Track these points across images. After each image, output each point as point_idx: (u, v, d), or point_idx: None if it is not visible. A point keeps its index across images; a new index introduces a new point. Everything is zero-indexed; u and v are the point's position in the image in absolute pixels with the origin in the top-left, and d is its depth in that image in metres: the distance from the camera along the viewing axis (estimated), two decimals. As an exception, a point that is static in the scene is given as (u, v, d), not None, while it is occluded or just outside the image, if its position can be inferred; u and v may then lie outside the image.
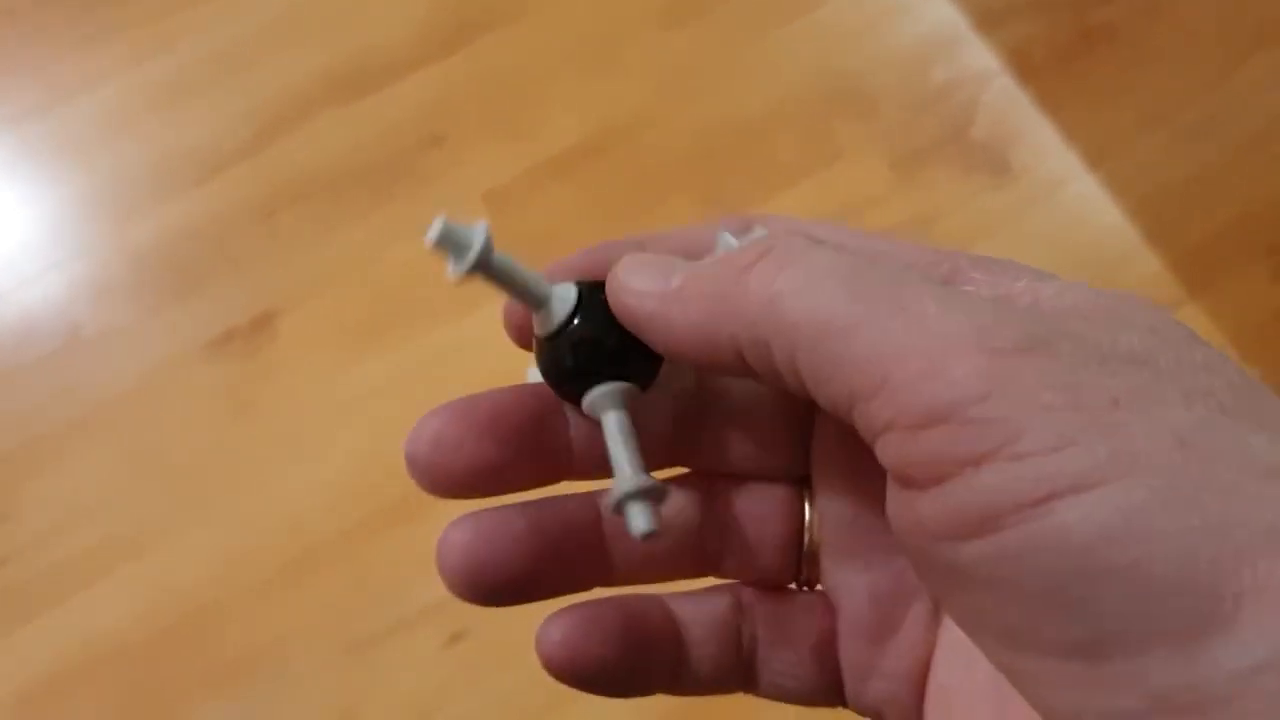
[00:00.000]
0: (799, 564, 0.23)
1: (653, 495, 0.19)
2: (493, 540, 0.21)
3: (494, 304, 0.71)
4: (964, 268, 0.19)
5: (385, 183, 0.66)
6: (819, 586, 0.23)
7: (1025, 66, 0.68)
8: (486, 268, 0.20)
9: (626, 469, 0.19)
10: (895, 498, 0.16)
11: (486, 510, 0.21)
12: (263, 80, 0.69)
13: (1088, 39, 0.69)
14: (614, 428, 0.20)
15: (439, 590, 0.62)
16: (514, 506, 0.21)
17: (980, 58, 0.68)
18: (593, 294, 0.20)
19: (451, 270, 0.19)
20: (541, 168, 0.65)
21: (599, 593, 0.23)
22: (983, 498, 0.15)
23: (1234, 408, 0.15)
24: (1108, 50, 0.69)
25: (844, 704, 0.23)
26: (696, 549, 0.23)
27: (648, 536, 0.19)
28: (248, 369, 0.62)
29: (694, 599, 0.23)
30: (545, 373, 0.21)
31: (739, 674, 0.23)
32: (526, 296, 0.20)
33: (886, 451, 0.16)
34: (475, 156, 0.66)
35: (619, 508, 0.19)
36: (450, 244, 0.19)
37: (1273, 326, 0.61)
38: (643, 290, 0.19)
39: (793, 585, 0.23)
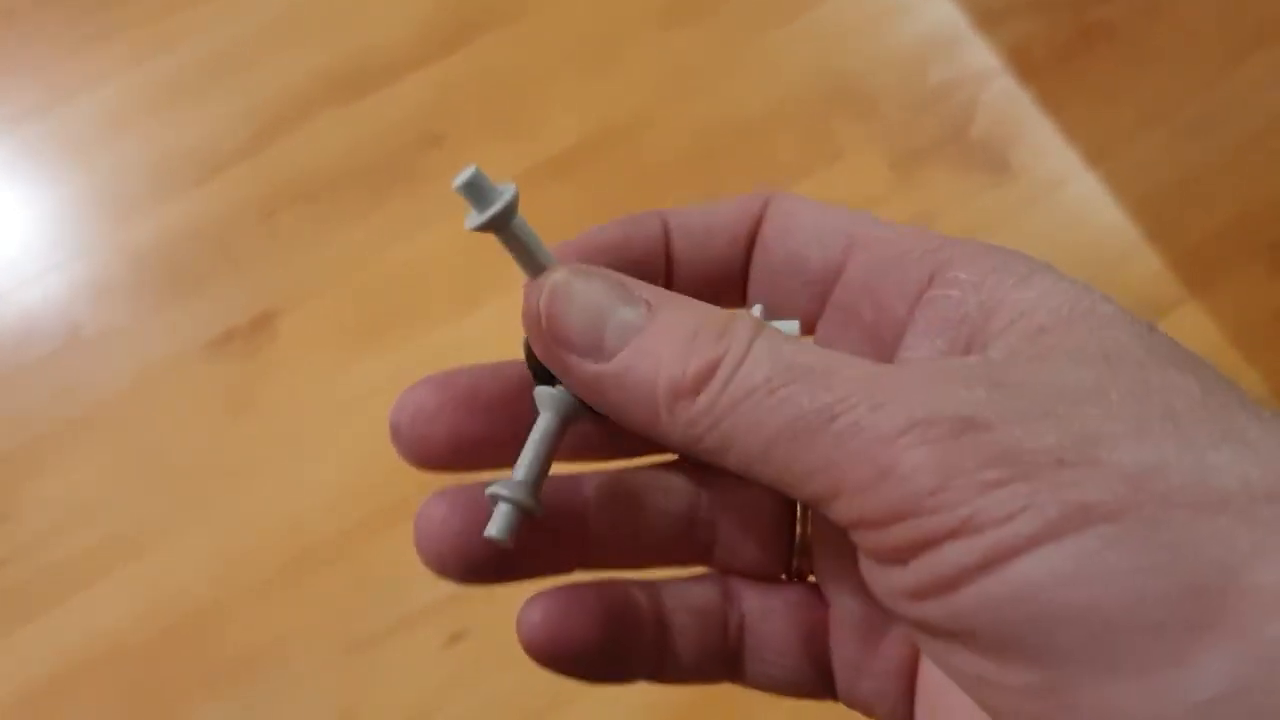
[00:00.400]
0: (790, 556, 0.23)
1: (521, 509, 0.19)
2: (469, 516, 0.21)
3: (494, 304, 0.71)
4: (955, 262, 0.19)
5: (385, 182, 0.66)
6: (811, 579, 0.23)
7: (1025, 66, 0.68)
8: (503, 227, 0.20)
9: (520, 472, 0.20)
10: (866, 566, 0.17)
11: (464, 486, 0.22)
12: (262, 80, 0.69)
13: (1087, 38, 0.69)
14: (538, 429, 0.20)
15: (439, 590, 0.62)
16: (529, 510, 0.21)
17: (980, 57, 0.68)
18: None
19: (470, 220, 0.20)
20: (541, 167, 0.65)
21: (585, 577, 0.23)
22: (942, 569, 0.15)
23: (1195, 424, 0.15)
24: (1107, 49, 0.69)
25: (834, 697, 0.23)
26: (686, 537, 0.23)
27: (494, 541, 0.19)
28: (248, 369, 0.62)
29: (680, 585, 0.23)
30: (525, 352, 0.21)
31: (724, 663, 0.23)
32: (532, 269, 0.20)
33: (857, 539, 0.17)
34: (475, 156, 0.66)
35: (491, 500, 0.20)
36: (476, 194, 0.19)
37: (1273, 325, 0.61)
38: (576, 346, 0.19)
39: (783, 577, 0.23)
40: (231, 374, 0.62)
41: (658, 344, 0.18)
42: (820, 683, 0.23)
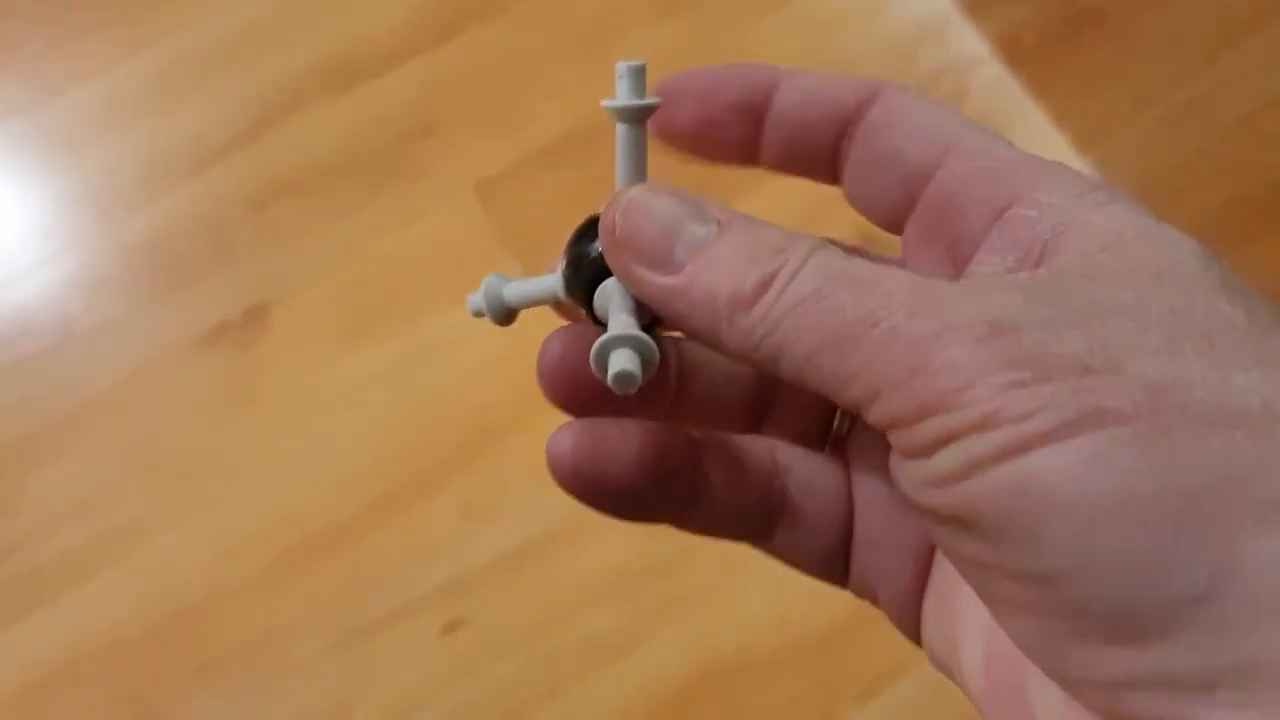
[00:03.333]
0: (829, 433, 0.24)
1: (638, 345, 0.20)
2: (577, 348, 0.22)
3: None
4: (1039, 184, 0.20)
5: (376, 174, 0.66)
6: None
7: (1014, 51, 0.68)
8: (639, 121, 0.22)
9: (620, 320, 0.21)
10: (894, 463, 0.18)
11: (578, 324, 0.23)
12: (253, 73, 0.69)
13: (1077, 23, 0.69)
14: (617, 289, 0.21)
15: (435, 579, 0.62)
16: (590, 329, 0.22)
17: (969, 43, 0.68)
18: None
19: (619, 99, 0.22)
20: (532, 158, 0.65)
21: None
22: (959, 460, 0.16)
23: (1230, 346, 0.16)
24: (1097, 34, 0.69)
25: (844, 583, 0.24)
26: (745, 406, 0.24)
27: (621, 379, 0.20)
28: (241, 361, 0.62)
29: (725, 438, 0.24)
30: (572, 295, 0.22)
31: (753, 524, 0.23)
32: (629, 176, 0.22)
33: (892, 440, 0.18)
34: (466, 147, 0.66)
35: (601, 354, 0.20)
36: (638, 82, 0.22)
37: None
38: (646, 255, 0.20)
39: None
40: (225, 367, 0.62)
41: (722, 259, 0.19)
42: (837, 562, 0.24)
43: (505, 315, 0.23)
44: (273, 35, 0.70)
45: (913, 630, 0.23)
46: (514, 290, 0.23)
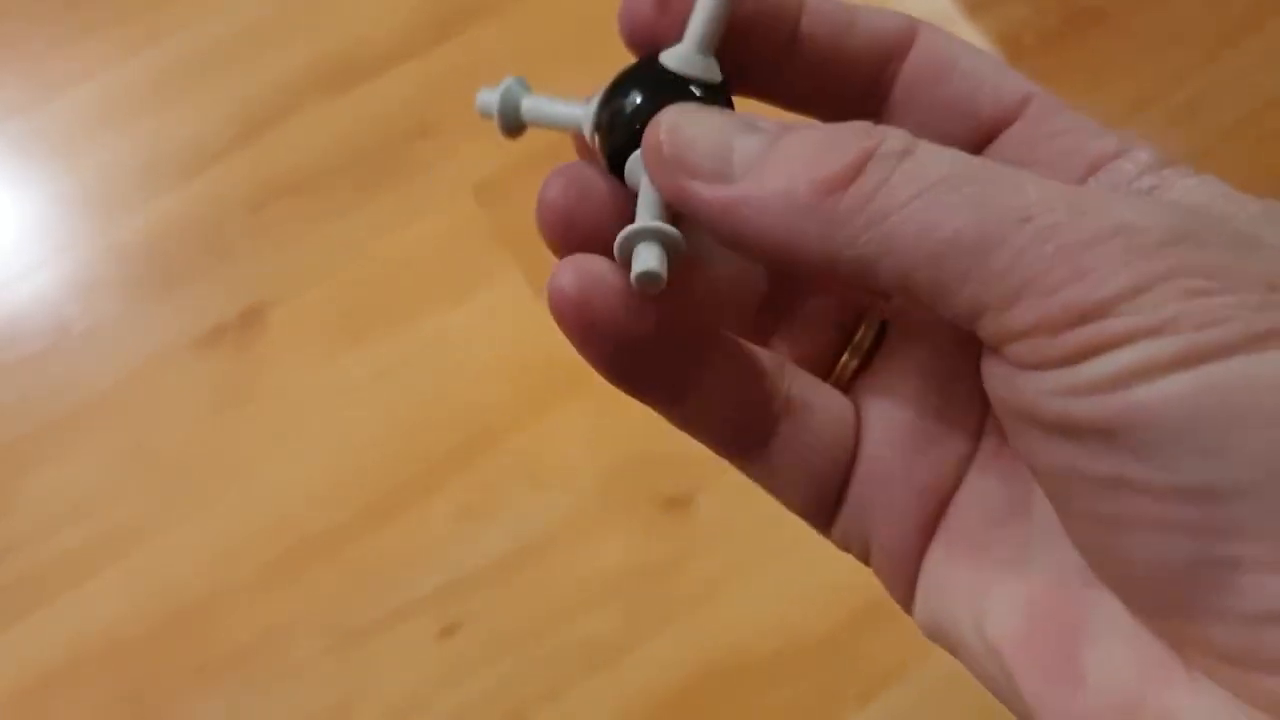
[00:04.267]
0: (839, 357, 0.22)
1: (666, 240, 0.18)
2: (584, 198, 0.20)
3: (484, 295, 0.71)
4: (1136, 150, 0.19)
5: (374, 174, 0.66)
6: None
7: (1014, 51, 0.68)
8: (515, 126, 0.20)
9: (649, 210, 0.19)
10: (1004, 374, 0.16)
11: (584, 164, 0.20)
12: (249, 74, 0.68)
13: (1076, 23, 0.69)
14: (646, 182, 0.19)
15: (432, 582, 0.62)
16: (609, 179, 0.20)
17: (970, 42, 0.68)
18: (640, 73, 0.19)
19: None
20: (531, 159, 0.65)
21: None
22: (1123, 364, 0.15)
23: None
24: (1097, 34, 0.69)
25: (826, 528, 0.22)
26: (752, 316, 0.22)
27: (646, 278, 0.18)
28: (238, 363, 0.62)
29: (743, 341, 0.21)
30: (600, 147, 0.20)
31: (747, 437, 0.21)
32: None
33: (1020, 350, 0.16)
34: (464, 148, 0.66)
35: (627, 243, 0.18)
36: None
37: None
38: (702, 171, 0.18)
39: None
40: (222, 368, 0.62)
41: (792, 153, 0.17)
42: (828, 500, 0.21)
43: (515, 126, 0.20)
44: (270, 36, 0.70)
45: (904, 585, 0.21)
46: (533, 104, 0.20)
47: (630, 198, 0.19)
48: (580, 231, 0.19)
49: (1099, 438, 0.15)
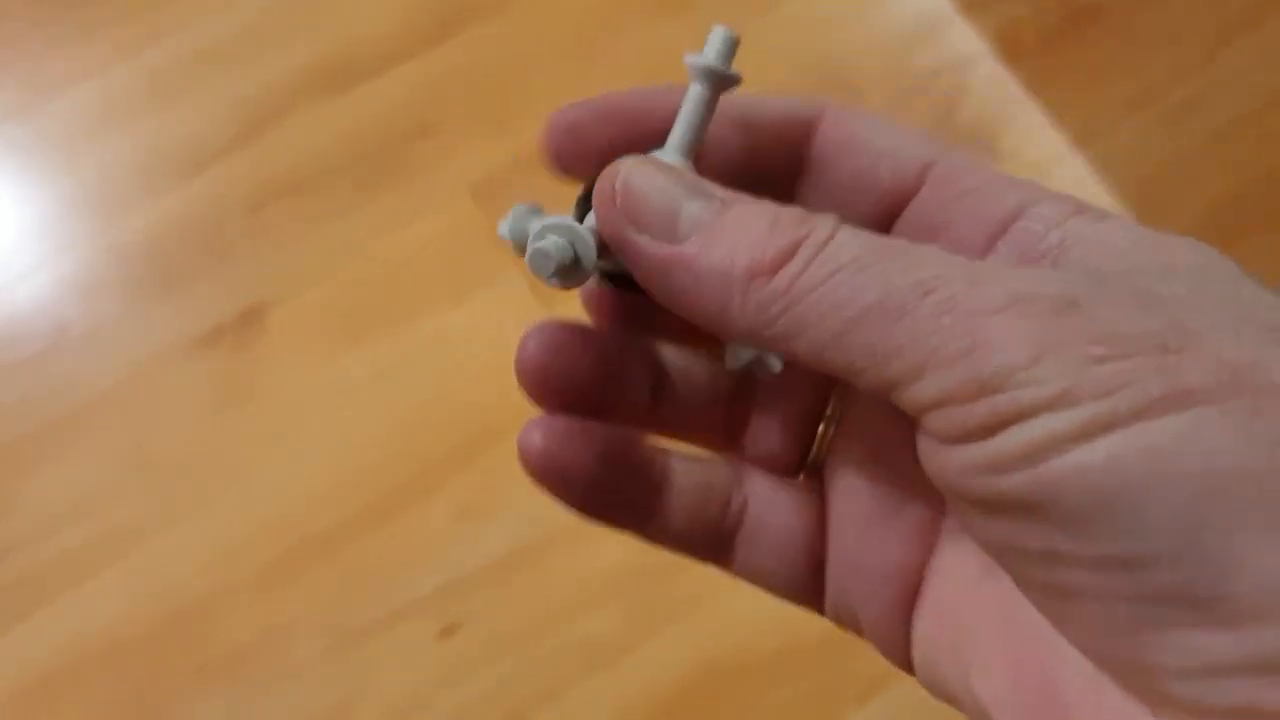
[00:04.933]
0: (808, 452, 0.23)
1: (570, 234, 0.20)
2: (561, 347, 0.22)
3: (483, 295, 0.71)
4: (1040, 200, 0.19)
5: (372, 175, 0.66)
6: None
7: (1012, 49, 0.68)
8: (723, 88, 0.21)
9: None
10: (929, 449, 0.17)
11: (559, 322, 0.22)
12: (248, 74, 0.69)
13: (1074, 20, 0.69)
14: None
15: (432, 583, 0.62)
16: (580, 328, 0.22)
17: (966, 41, 0.68)
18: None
19: (704, 59, 0.21)
20: (529, 159, 0.65)
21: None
22: (1032, 439, 0.15)
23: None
24: (1095, 31, 0.69)
25: (816, 605, 0.23)
26: (721, 422, 0.23)
27: (538, 257, 0.20)
28: (237, 363, 0.62)
29: (691, 456, 0.23)
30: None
31: (715, 540, 0.23)
32: (686, 142, 0.21)
33: (933, 423, 0.16)
34: (463, 148, 0.66)
35: (539, 235, 0.20)
36: (728, 52, 0.21)
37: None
38: (649, 226, 0.19)
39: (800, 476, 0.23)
40: (221, 369, 0.62)
41: (735, 229, 0.18)
42: (808, 585, 0.23)
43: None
44: (269, 36, 0.70)
45: (899, 654, 0.22)
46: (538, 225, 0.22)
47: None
48: (555, 385, 0.22)
49: (1023, 512, 0.16)
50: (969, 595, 0.20)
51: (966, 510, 0.17)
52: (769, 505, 0.23)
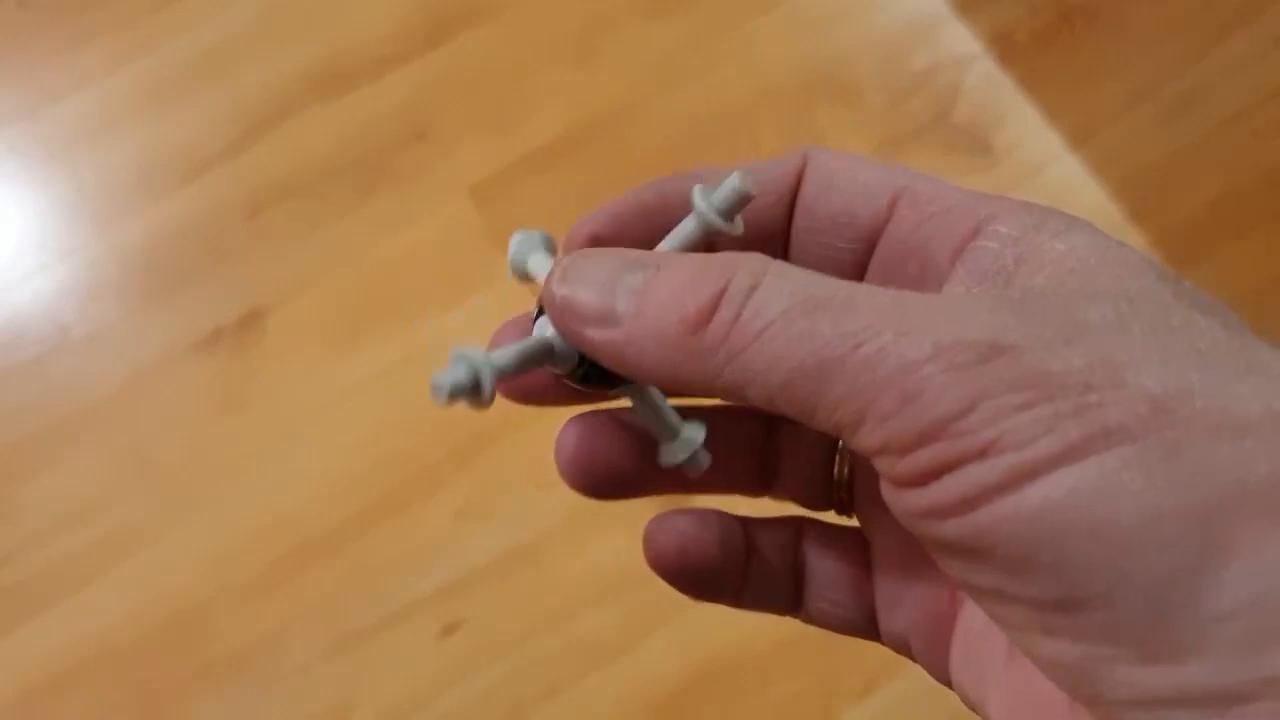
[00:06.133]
0: (839, 492, 0.24)
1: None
2: (596, 436, 0.22)
3: (480, 297, 0.71)
4: (998, 216, 0.19)
5: (369, 178, 0.66)
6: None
7: (1007, 49, 0.68)
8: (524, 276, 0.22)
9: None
10: (886, 490, 0.17)
11: (592, 412, 0.23)
12: (246, 79, 0.69)
13: (1068, 20, 0.69)
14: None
15: (431, 582, 0.62)
16: (610, 413, 0.23)
17: (961, 41, 0.69)
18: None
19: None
20: (526, 160, 0.65)
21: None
22: (964, 488, 0.16)
23: (1219, 357, 0.16)
24: (1089, 31, 0.69)
25: (879, 638, 0.24)
26: (754, 470, 0.24)
27: (436, 392, 0.19)
28: (237, 366, 0.62)
29: (766, 522, 0.24)
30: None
31: (790, 599, 0.24)
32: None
33: (880, 467, 0.17)
34: (459, 151, 0.66)
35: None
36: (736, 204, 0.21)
37: (1257, 303, 0.61)
38: (588, 316, 0.19)
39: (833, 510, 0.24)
40: (221, 372, 0.62)
41: (662, 291, 0.18)
42: (869, 622, 0.24)
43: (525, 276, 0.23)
44: (266, 42, 0.70)
45: (944, 677, 0.23)
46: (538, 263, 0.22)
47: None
48: (600, 473, 0.22)
49: (969, 555, 0.16)
50: (984, 624, 0.21)
51: (927, 547, 0.18)
52: (822, 558, 0.24)
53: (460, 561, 0.57)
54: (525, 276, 0.23)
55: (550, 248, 0.23)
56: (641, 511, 0.24)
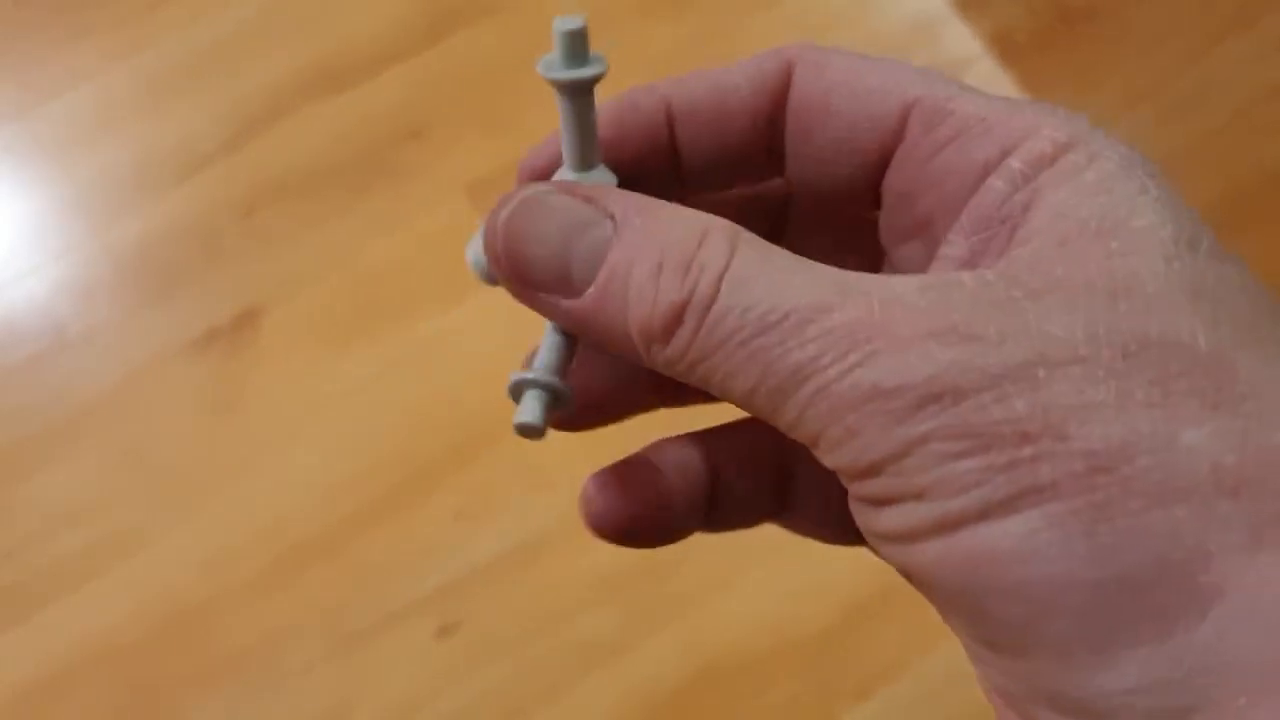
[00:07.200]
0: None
1: (554, 393, 0.19)
2: (621, 489, 0.22)
3: (478, 298, 0.71)
4: (1021, 141, 0.18)
5: (366, 177, 0.66)
6: None
7: (1007, 50, 0.68)
8: (584, 93, 0.19)
9: (539, 361, 0.19)
10: (850, 502, 0.18)
11: (613, 467, 0.23)
12: (241, 78, 0.69)
13: (1068, 20, 0.69)
14: (549, 327, 0.20)
15: (429, 583, 0.62)
16: (631, 463, 0.23)
17: (962, 42, 0.69)
18: None
19: (555, 69, 0.19)
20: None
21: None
22: (904, 523, 0.16)
23: (1183, 392, 0.15)
24: (1089, 31, 0.69)
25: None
26: (769, 502, 0.24)
27: (524, 430, 0.19)
28: (232, 367, 0.62)
29: (740, 433, 0.23)
30: None
31: (771, 506, 0.23)
32: (578, 157, 0.20)
33: (841, 480, 0.17)
34: (456, 149, 0.66)
35: (515, 391, 0.19)
36: (577, 47, 0.19)
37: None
38: (544, 284, 0.18)
39: None
40: (216, 372, 0.62)
41: (624, 276, 0.17)
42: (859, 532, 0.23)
43: (491, 278, 0.21)
44: (262, 40, 0.70)
45: None
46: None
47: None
48: (627, 526, 0.22)
49: (911, 581, 0.17)
50: None
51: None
52: (816, 463, 0.23)
53: (458, 562, 0.57)
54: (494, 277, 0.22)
55: None
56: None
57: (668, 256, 0.17)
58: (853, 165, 0.20)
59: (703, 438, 0.23)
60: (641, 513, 0.22)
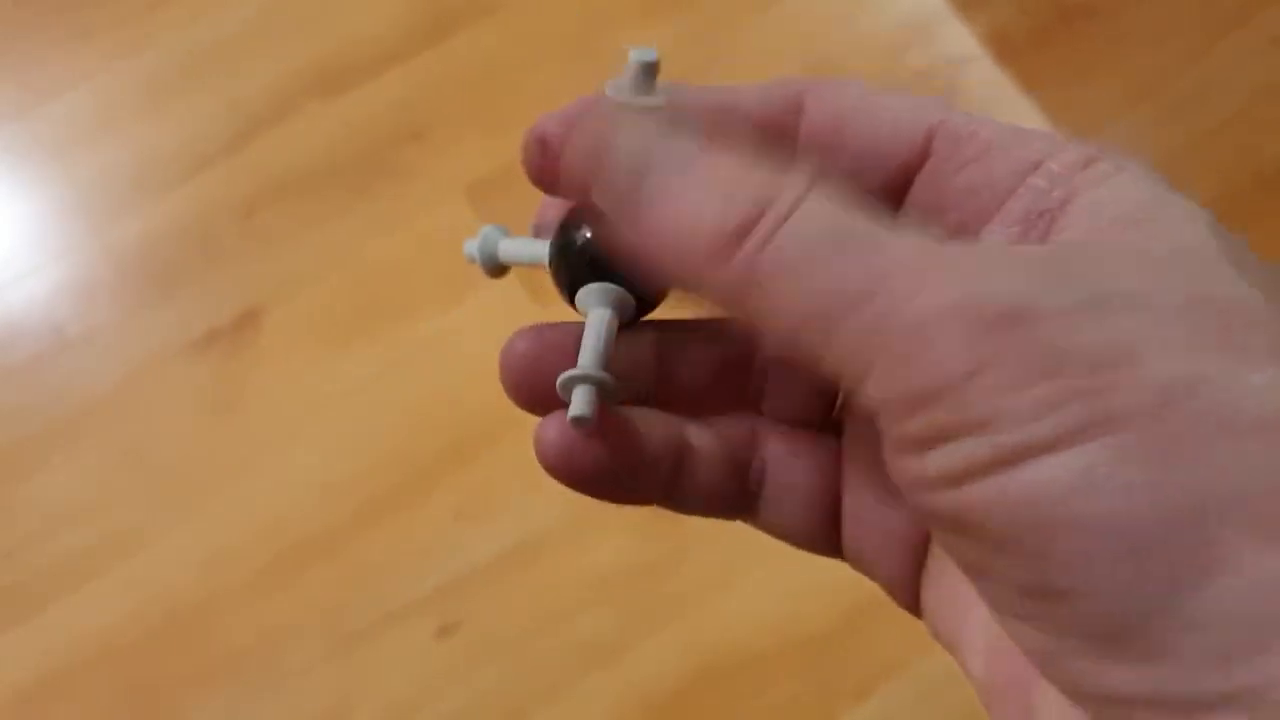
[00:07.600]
0: (831, 409, 0.23)
1: (600, 386, 0.20)
2: (551, 348, 0.21)
3: (478, 298, 0.71)
4: (1053, 154, 0.19)
5: (366, 178, 0.66)
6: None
7: (1004, 48, 0.68)
8: (495, 269, 0.22)
9: (588, 356, 0.20)
10: (887, 453, 0.17)
11: (549, 324, 0.22)
12: (242, 78, 0.69)
13: (1066, 19, 0.69)
14: (590, 324, 0.20)
15: (428, 583, 0.62)
16: (570, 326, 0.21)
17: (959, 41, 0.69)
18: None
19: (624, 91, 0.21)
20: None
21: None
22: (956, 462, 0.15)
23: (1249, 337, 0.15)
24: (1086, 30, 0.69)
25: (839, 554, 0.23)
26: (733, 390, 0.23)
27: (578, 422, 0.19)
28: (232, 367, 0.62)
29: (711, 425, 0.22)
30: (556, 281, 0.22)
31: (735, 505, 0.23)
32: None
33: (881, 422, 0.16)
34: (456, 150, 0.66)
35: (565, 389, 0.20)
36: (647, 78, 0.20)
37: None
38: (612, 197, 0.18)
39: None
40: (216, 372, 0.62)
41: (697, 195, 0.17)
42: (829, 537, 0.22)
43: (496, 269, 0.23)
44: (263, 40, 0.70)
45: (912, 606, 0.22)
46: (508, 247, 0.23)
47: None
48: (542, 389, 0.20)
49: (957, 528, 0.16)
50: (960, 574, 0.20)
51: (918, 514, 0.17)
52: (787, 467, 0.22)
53: (458, 562, 0.57)
54: (500, 267, 0.23)
55: (506, 235, 0.23)
56: (643, 512, 0.24)
57: (746, 180, 0.17)
58: (871, 186, 0.20)
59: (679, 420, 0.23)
60: (612, 463, 0.21)
